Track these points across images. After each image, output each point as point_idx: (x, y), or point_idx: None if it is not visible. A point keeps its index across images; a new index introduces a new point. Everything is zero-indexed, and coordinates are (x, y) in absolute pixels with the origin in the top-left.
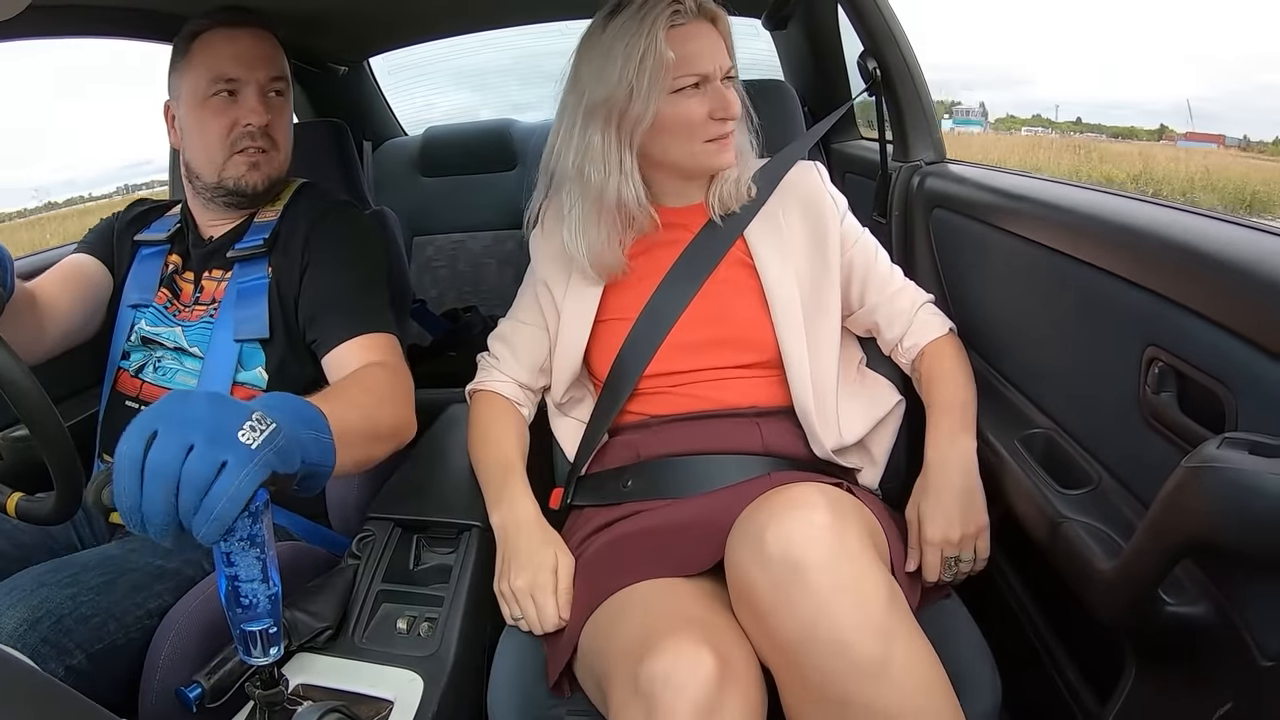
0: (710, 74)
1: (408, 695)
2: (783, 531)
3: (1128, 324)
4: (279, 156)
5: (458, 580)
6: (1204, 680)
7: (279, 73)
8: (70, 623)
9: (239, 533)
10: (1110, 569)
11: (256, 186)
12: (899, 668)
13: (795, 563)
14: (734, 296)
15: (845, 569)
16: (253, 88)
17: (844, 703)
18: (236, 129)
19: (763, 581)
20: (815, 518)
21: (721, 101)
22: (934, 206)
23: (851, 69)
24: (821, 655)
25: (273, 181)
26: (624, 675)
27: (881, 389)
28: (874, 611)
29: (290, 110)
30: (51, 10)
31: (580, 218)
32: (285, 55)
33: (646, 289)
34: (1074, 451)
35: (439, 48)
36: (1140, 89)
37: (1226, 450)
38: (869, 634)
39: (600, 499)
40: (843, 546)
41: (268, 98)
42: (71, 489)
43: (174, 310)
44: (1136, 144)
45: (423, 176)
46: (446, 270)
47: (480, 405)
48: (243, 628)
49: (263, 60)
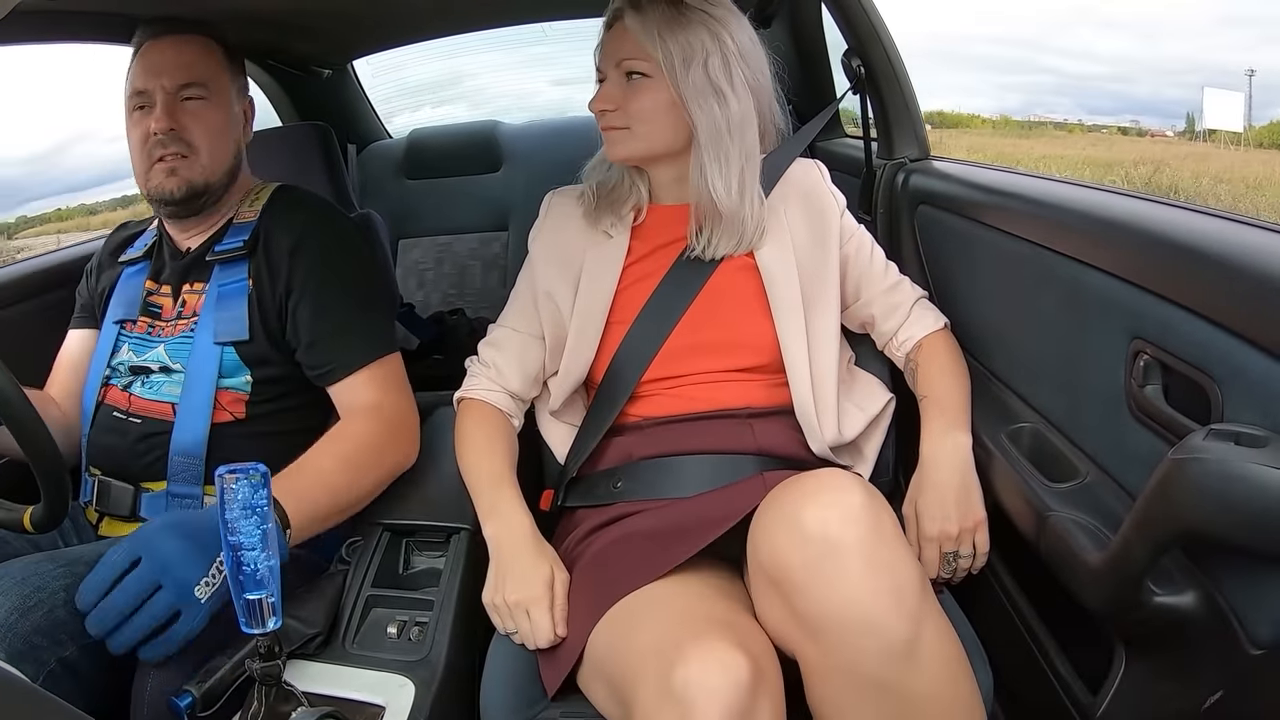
0: (601, 68)
1: (399, 700)
2: (821, 511)
3: (1113, 318)
4: (199, 160)
5: (448, 584)
6: (1194, 669)
7: (194, 78)
8: (62, 614)
9: (242, 500)
10: (1099, 560)
11: (174, 193)
12: (928, 651)
13: (834, 542)
14: (734, 299)
15: (881, 551)
16: (160, 96)
17: (872, 684)
18: (150, 139)
19: (797, 560)
20: (853, 499)
21: (595, 96)
22: (919, 203)
23: (835, 67)
24: (854, 635)
25: (196, 187)
26: (652, 678)
27: (873, 387)
28: (907, 594)
29: (222, 113)
30: (37, 16)
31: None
32: (221, 59)
33: (644, 291)
34: (1061, 445)
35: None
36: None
37: (1212, 441)
38: (902, 616)
39: (591, 500)
40: (879, 528)
41: (183, 104)
42: (60, 498)
43: (156, 332)
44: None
45: (407, 179)
46: (432, 273)
47: (470, 414)
48: (244, 596)
49: (172, 68)
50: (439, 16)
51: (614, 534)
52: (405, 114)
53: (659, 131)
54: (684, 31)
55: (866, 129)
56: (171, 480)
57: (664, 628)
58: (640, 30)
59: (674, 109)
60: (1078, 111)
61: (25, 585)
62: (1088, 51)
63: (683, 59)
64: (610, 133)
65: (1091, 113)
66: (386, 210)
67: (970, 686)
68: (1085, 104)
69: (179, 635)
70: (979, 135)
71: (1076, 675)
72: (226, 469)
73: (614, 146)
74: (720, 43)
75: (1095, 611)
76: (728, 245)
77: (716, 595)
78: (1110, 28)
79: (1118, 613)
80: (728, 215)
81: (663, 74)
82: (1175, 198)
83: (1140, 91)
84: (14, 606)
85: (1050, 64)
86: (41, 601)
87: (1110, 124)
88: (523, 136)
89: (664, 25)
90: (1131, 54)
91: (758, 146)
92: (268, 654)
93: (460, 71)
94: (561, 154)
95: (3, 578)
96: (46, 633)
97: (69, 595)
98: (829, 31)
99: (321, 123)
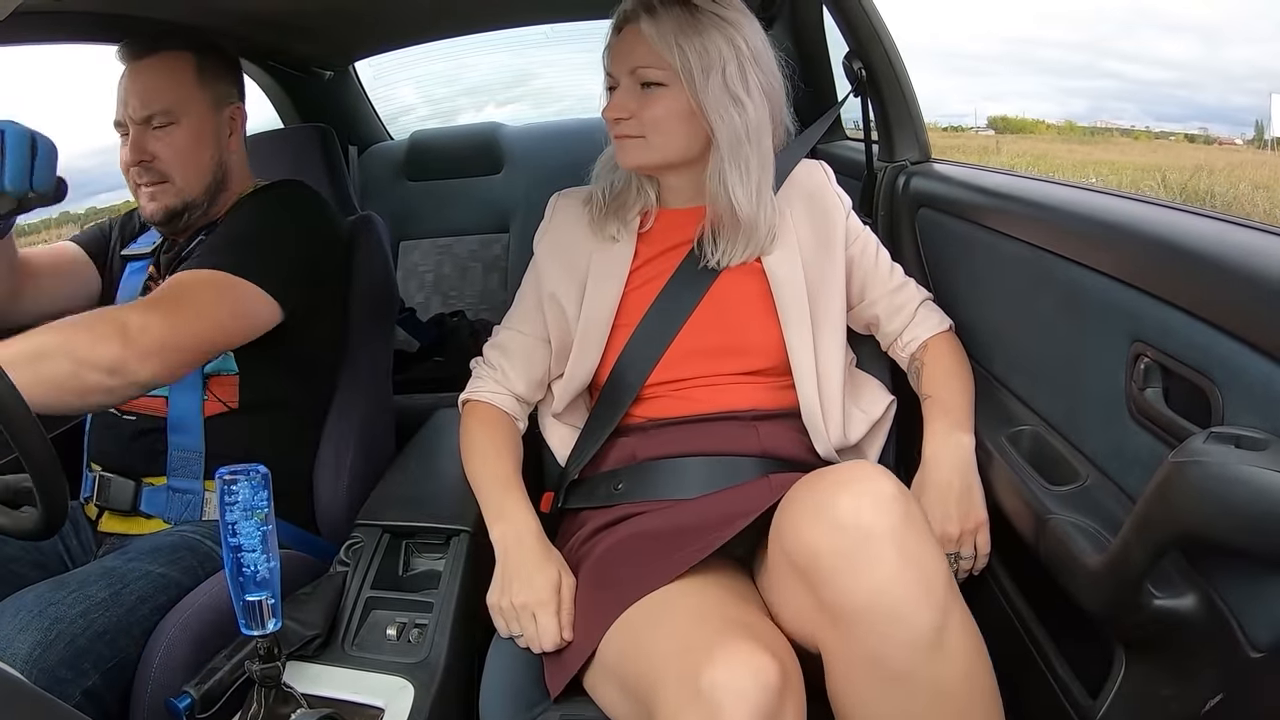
0: (613, 74)
1: (398, 702)
2: (854, 499)
3: (1113, 320)
4: (174, 185)
5: (447, 586)
6: (1193, 672)
7: (158, 106)
8: (83, 642)
9: (243, 501)
10: (1098, 563)
11: (154, 217)
12: (953, 642)
13: (868, 530)
14: (740, 302)
15: (912, 541)
16: (131, 127)
17: (898, 675)
18: (131, 168)
19: (826, 547)
20: (885, 488)
21: (609, 103)
22: (919, 206)
23: (837, 70)
24: (882, 624)
25: (174, 210)
26: (677, 680)
27: (874, 389)
28: (936, 585)
29: (191, 133)
30: (39, 17)
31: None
32: (193, 75)
33: (649, 294)
34: (1061, 448)
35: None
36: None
37: (1212, 444)
38: (930, 607)
39: (593, 502)
40: (909, 519)
41: (152, 131)
42: (57, 504)
43: None
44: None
45: (409, 181)
46: (432, 275)
47: (475, 417)
48: (244, 598)
49: (137, 98)
50: (440, 18)
51: (619, 535)
52: (469, 113)
53: (675, 140)
54: (700, 37)
55: (868, 132)
56: (171, 475)
57: (684, 630)
58: (656, 37)
59: (691, 117)
60: (1144, 118)
61: (44, 618)
62: (1151, 55)
63: (701, 67)
64: (624, 141)
65: (1159, 119)
66: (387, 212)
67: (990, 680)
68: (1151, 110)
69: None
70: (1039, 140)
71: (1076, 678)
72: (227, 470)
73: (627, 155)
74: (736, 48)
75: (1095, 614)
76: (740, 253)
77: (730, 596)
78: (1173, 31)
79: (1117, 615)
80: (746, 223)
81: (680, 82)
82: (1202, 204)
83: (1207, 98)
84: (37, 641)
85: (1113, 68)
86: (61, 634)
87: (1178, 130)
88: (524, 138)
89: (680, 31)
90: (1196, 59)
91: (772, 151)
92: (267, 656)
93: (526, 70)
94: (563, 156)
95: (19, 611)
96: (70, 664)
97: (87, 621)
98: (829, 34)
99: (323, 124)
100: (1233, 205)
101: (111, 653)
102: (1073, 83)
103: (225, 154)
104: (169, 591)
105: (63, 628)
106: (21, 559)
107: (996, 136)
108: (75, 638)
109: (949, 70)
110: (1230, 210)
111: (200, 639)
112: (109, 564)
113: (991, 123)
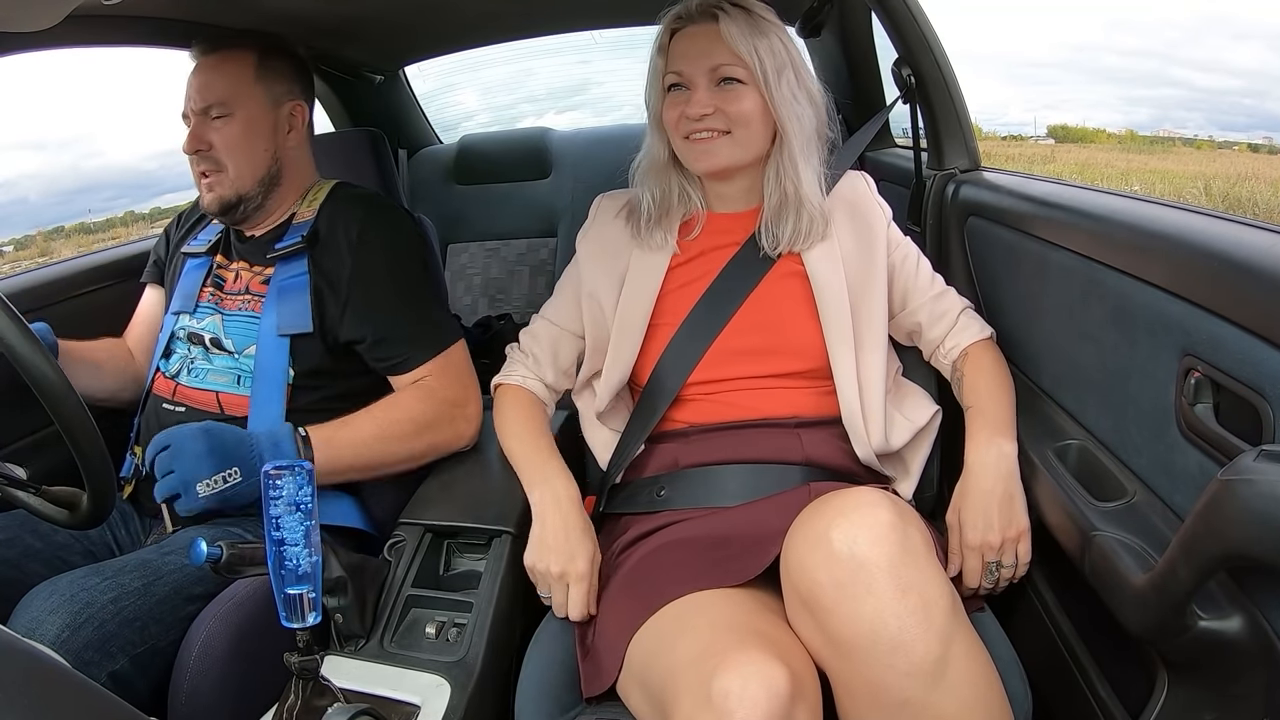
0: (687, 73)
1: (435, 700)
2: (849, 530)
3: (1164, 333)
4: (227, 175)
5: (487, 587)
6: (1238, 696)
7: (214, 99)
8: (112, 627)
9: (287, 496)
10: (1143, 582)
11: (211, 207)
12: (957, 671)
13: (861, 561)
14: (783, 304)
15: (910, 570)
16: (193, 118)
17: (900, 704)
18: (190, 156)
19: (827, 580)
20: (881, 516)
21: (690, 101)
22: (968, 215)
23: (885, 77)
24: (883, 654)
25: (228, 200)
26: (692, 687)
27: (920, 398)
28: (936, 614)
29: (245, 126)
30: (95, 21)
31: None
32: (253, 71)
33: (692, 295)
34: (1108, 463)
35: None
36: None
37: (1263, 463)
38: (931, 636)
39: (634, 507)
40: (907, 547)
41: (211, 123)
42: (104, 494)
43: (217, 300)
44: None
45: (457, 184)
46: (480, 278)
47: (509, 397)
48: (285, 591)
49: (199, 89)
50: (488, 25)
51: (658, 542)
52: (530, 119)
53: (755, 137)
54: (766, 39)
55: (916, 139)
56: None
57: (705, 637)
58: (737, 37)
59: (766, 115)
60: (1209, 127)
61: (74, 603)
62: (1220, 64)
63: (774, 67)
64: (707, 142)
65: (1223, 129)
66: (436, 215)
67: (1001, 707)
68: (1216, 119)
69: (181, 509)
70: (1097, 150)
71: (1117, 699)
72: (273, 465)
73: (714, 156)
74: (790, 53)
75: (1138, 634)
76: (794, 236)
77: (757, 606)
78: (1242, 39)
79: (1161, 636)
80: (807, 202)
81: (756, 81)
82: (1243, 211)
83: (1275, 107)
84: (65, 624)
85: (1180, 76)
86: (91, 617)
87: (1241, 140)
88: (572, 143)
89: (753, 33)
90: (1265, 67)
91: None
92: (306, 649)
93: (588, 79)
94: (611, 160)
95: (51, 595)
96: (97, 647)
97: (118, 608)
98: (878, 39)
99: (374, 128)
100: (1274, 213)
101: (141, 639)
102: (1138, 91)
103: (282, 148)
104: (204, 584)
105: (92, 612)
106: (72, 546)
107: (1053, 145)
108: (104, 623)
109: (1012, 79)
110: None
111: (240, 631)
112: (146, 556)
113: (1051, 132)
